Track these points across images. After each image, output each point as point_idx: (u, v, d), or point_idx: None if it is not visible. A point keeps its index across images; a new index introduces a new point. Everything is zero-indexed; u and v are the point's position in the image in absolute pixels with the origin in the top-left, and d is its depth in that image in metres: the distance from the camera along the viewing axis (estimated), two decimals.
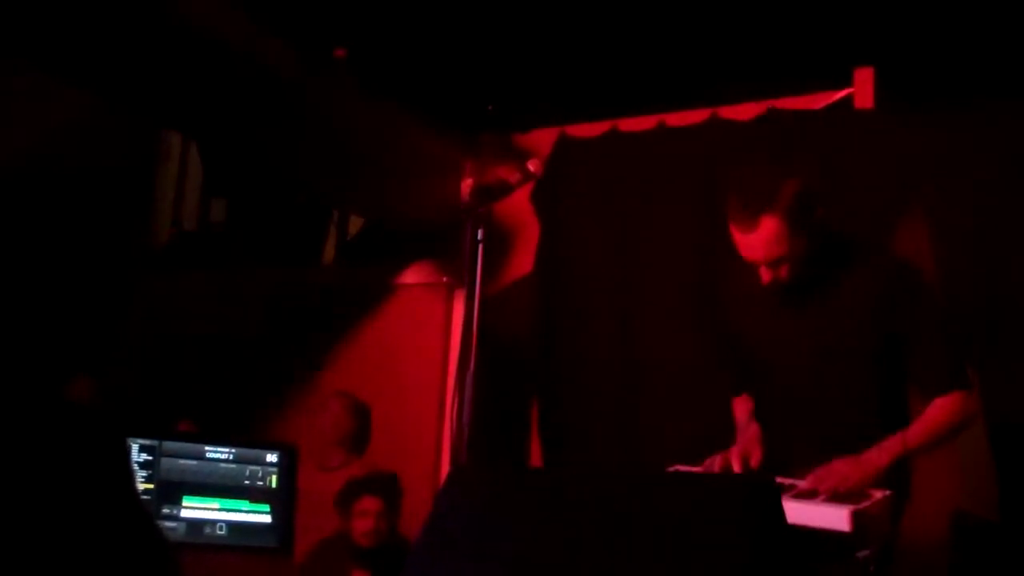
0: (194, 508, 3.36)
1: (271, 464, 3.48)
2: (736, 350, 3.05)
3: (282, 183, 5.60)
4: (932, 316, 2.77)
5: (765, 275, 2.77)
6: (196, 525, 3.35)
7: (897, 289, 2.77)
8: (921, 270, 2.97)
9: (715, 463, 2.79)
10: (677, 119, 4.62)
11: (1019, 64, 3.85)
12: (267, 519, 3.43)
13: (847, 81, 4.27)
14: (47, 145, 5.17)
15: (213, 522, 3.37)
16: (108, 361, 5.68)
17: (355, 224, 6.01)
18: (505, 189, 2.81)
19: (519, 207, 4.81)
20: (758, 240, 2.70)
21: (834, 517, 2.43)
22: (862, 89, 4.25)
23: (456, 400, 2.62)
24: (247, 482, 3.43)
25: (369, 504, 4.03)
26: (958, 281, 3.93)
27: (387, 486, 4.15)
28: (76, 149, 5.35)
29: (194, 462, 3.38)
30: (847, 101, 4.27)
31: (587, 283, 4.69)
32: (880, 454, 2.65)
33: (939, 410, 2.73)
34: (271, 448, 3.53)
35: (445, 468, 4.50)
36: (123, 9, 3.46)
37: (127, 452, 1.92)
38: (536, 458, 4.70)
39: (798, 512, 2.47)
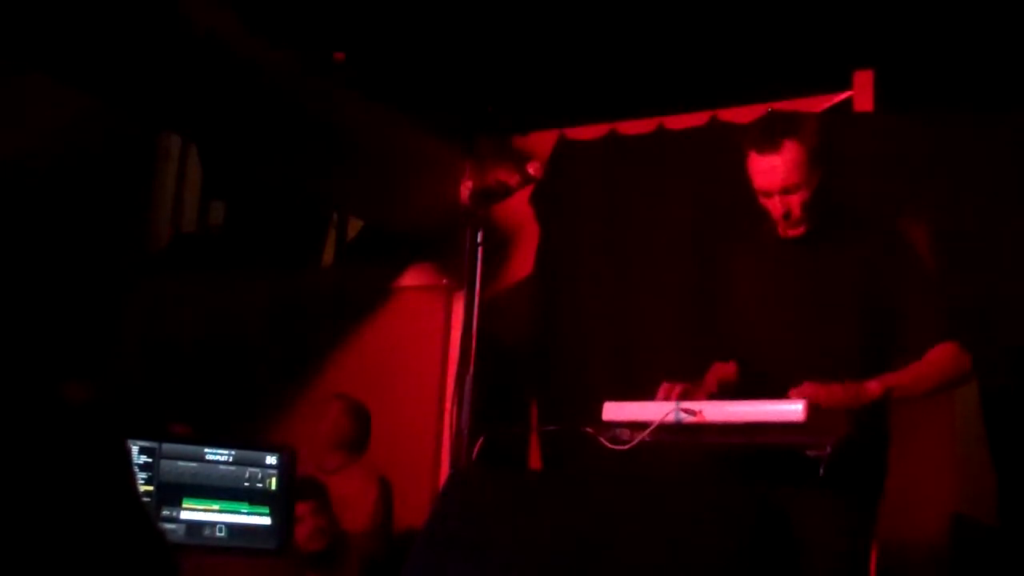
0: (193, 510, 3.35)
1: (271, 466, 3.47)
2: (729, 324, 3.03)
3: (281, 185, 5.60)
4: (924, 281, 2.78)
5: (777, 207, 2.78)
6: (195, 527, 3.35)
7: (890, 256, 2.78)
8: (914, 243, 2.96)
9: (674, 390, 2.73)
10: (677, 122, 4.62)
11: (1018, 67, 3.85)
12: (267, 521, 3.43)
13: (847, 84, 4.27)
14: (47, 146, 5.17)
15: (213, 524, 3.37)
16: (105, 362, 5.67)
17: (354, 226, 6.01)
18: (504, 191, 2.82)
19: (518, 209, 4.81)
20: (779, 162, 2.73)
21: (789, 409, 2.41)
22: (862, 92, 4.25)
23: (456, 402, 2.62)
24: (247, 484, 3.42)
25: (300, 510, 4.04)
26: (958, 281, 3.93)
27: (309, 488, 4.18)
28: (76, 150, 5.35)
29: (194, 464, 3.37)
30: (847, 104, 4.27)
31: (587, 285, 4.69)
32: (863, 384, 2.60)
33: (931, 358, 2.70)
34: (271, 450, 3.52)
35: (445, 470, 4.50)
36: (123, 11, 3.46)
37: (127, 453, 1.91)
38: (536, 459, 4.70)
39: (754, 409, 2.47)
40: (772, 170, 2.75)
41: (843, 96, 4.28)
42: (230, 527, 3.38)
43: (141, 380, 5.77)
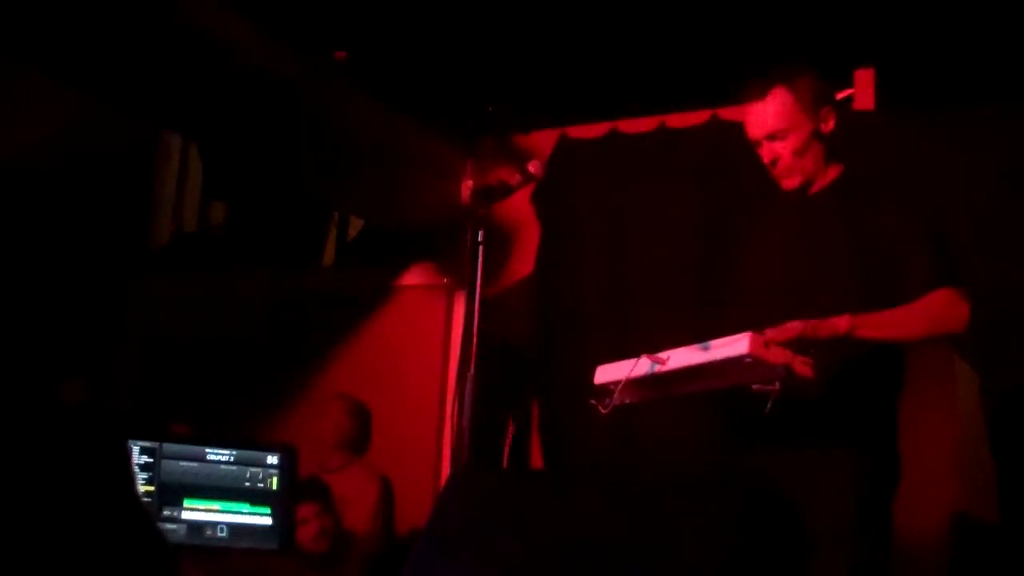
0: (195, 510, 3.35)
1: (272, 466, 3.47)
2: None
3: (282, 185, 5.60)
4: (921, 231, 2.71)
5: (765, 154, 2.80)
6: (197, 527, 3.35)
7: (888, 208, 2.75)
8: (911, 203, 2.92)
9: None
10: (678, 120, 4.61)
11: (1019, 66, 3.85)
12: (268, 521, 3.43)
13: (847, 82, 4.27)
14: (47, 145, 5.17)
15: (214, 524, 3.37)
16: (103, 362, 5.68)
17: (355, 226, 6.01)
18: (505, 190, 2.81)
19: (519, 208, 4.81)
20: (766, 109, 2.77)
21: (736, 343, 2.42)
22: (862, 90, 4.25)
23: (456, 401, 2.62)
24: (248, 484, 3.42)
25: (305, 511, 4.04)
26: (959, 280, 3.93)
27: (313, 489, 4.18)
28: (76, 150, 5.35)
29: (195, 464, 3.38)
30: (847, 102, 4.27)
31: (587, 284, 4.68)
32: (829, 319, 2.51)
33: (923, 301, 2.60)
34: (272, 450, 3.52)
35: (445, 470, 4.50)
36: (123, 10, 3.46)
37: (126, 453, 1.91)
38: (536, 459, 4.69)
39: (705, 353, 2.49)
40: (761, 116, 2.79)
41: (844, 94, 4.28)
42: (231, 527, 3.38)
43: (141, 380, 5.77)
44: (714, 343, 2.50)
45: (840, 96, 4.30)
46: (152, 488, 3.29)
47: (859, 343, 2.55)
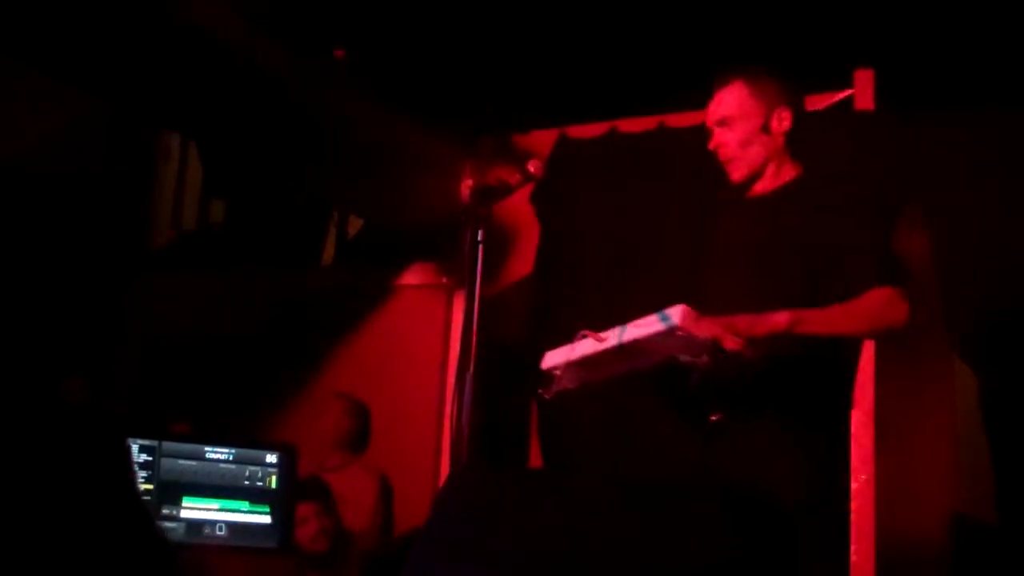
0: (194, 508, 3.35)
1: (271, 465, 3.47)
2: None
3: (281, 184, 5.60)
4: (866, 228, 2.73)
5: (713, 140, 2.86)
6: (196, 525, 3.35)
7: (836, 204, 2.77)
8: (865, 196, 2.95)
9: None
10: (678, 120, 4.61)
11: (1019, 66, 3.85)
12: (267, 520, 3.43)
13: (847, 83, 4.27)
14: (47, 145, 5.17)
15: (213, 522, 3.37)
16: (103, 361, 5.68)
17: (354, 225, 6.01)
18: (505, 190, 2.81)
19: (519, 208, 4.81)
20: (720, 97, 2.85)
21: (669, 315, 2.43)
22: (862, 91, 4.24)
23: (456, 401, 2.62)
24: (247, 483, 3.42)
25: (304, 510, 4.04)
26: (958, 281, 3.93)
27: (313, 489, 4.18)
28: (76, 149, 5.35)
29: (194, 463, 3.38)
30: (847, 102, 4.27)
31: (587, 284, 4.68)
32: (769, 314, 2.52)
33: (864, 299, 2.61)
34: (271, 449, 3.52)
35: (445, 469, 4.50)
36: (123, 10, 3.46)
37: (126, 452, 1.91)
38: (536, 458, 4.69)
39: (640, 328, 2.50)
40: (714, 104, 2.86)
41: (844, 95, 4.28)
42: (230, 525, 3.38)
43: (141, 379, 5.77)
44: (646, 317, 2.51)
45: (840, 96, 4.30)
46: (151, 486, 3.29)
47: (799, 339, 2.56)
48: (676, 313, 2.43)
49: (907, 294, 2.65)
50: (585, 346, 2.63)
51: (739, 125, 2.82)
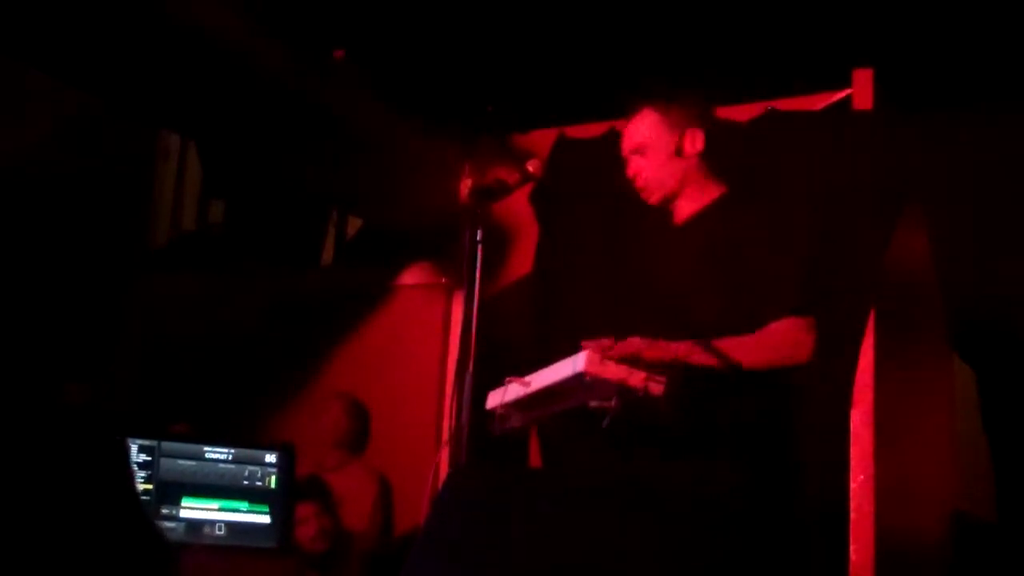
0: (193, 508, 3.35)
1: (270, 465, 3.48)
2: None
3: (280, 184, 5.60)
4: (783, 259, 2.69)
5: (629, 168, 2.89)
6: (195, 525, 3.35)
7: (760, 230, 2.74)
8: (793, 212, 2.94)
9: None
10: None
11: (1018, 65, 3.85)
12: (266, 519, 3.43)
13: (846, 82, 4.27)
14: (46, 145, 5.17)
15: (212, 522, 3.37)
16: (102, 361, 5.67)
17: (354, 225, 6.01)
18: (504, 190, 2.82)
19: (518, 208, 4.81)
20: (631, 126, 2.87)
21: (575, 361, 2.43)
22: (861, 90, 4.24)
23: (455, 401, 2.62)
24: (246, 483, 3.42)
25: (304, 510, 4.04)
26: (958, 281, 3.93)
27: (313, 488, 4.18)
28: (75, 149, 5.35)
29: (193, 463, 3.38)
30: (846, 102, 4.27)
31: (586, 284, 4.68)
32: (684, 344, 2.48)
33: (767, 331, 2.57)
34: (270, 449, 3.53)
35: (444, 469, 4.50)
36: (122, 10, 3.46)
37: (125, 453, 1.91)
38: (535, 459, 4.69)
39: (549, 373, 2.51)
40: (627, 132, 2.89)
41: (842, 94, 4.28)
42: (230, 525, 3.38)
43: (141, 380, 5.77)
44: (561, 362, 2.49)
45: (838, 96, 4.30)
46: (151, 486, 3.30)
47: (693, 369, 2.49)
48: (581, 359, 2.41)
49: (813, 325, 2.59)
50: (513, 390, 2.64)
51: (652, 152, 2.85)
